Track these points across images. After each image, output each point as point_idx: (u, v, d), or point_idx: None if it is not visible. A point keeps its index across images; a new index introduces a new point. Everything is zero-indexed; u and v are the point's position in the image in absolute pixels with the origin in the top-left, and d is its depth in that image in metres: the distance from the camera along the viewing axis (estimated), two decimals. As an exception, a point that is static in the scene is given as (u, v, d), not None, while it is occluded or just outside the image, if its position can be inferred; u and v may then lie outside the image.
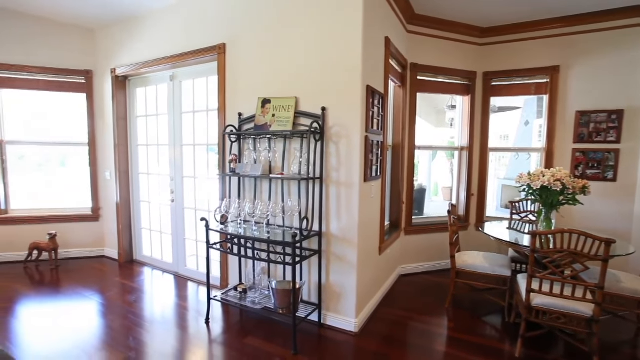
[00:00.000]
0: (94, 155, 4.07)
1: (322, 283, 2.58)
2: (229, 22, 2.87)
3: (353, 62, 2.32)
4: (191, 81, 3.37)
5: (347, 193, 2.43)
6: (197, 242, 3.49)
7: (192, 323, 2.65)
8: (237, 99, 2.87)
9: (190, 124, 3.41)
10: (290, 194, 2.64)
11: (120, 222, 3.93)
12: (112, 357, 2.18)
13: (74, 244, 4.08)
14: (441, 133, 8.68)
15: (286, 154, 2.63)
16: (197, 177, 3.43)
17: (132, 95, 3.89)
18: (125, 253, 3.99)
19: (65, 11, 3.55)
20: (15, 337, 2.40)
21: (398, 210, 3.59)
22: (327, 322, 2.59)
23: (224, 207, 2.57)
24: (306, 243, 2.57)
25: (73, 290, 3.20)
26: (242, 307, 2.57)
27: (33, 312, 2.78)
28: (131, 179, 3.97)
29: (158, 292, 3.22)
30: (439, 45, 3.60)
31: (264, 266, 2.79)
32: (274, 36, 2.63)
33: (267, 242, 2.38)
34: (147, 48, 3.48)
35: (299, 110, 2.53)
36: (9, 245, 3.89)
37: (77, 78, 3.96)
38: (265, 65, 2.69)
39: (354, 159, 2.39)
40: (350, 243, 2.45)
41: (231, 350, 2.28)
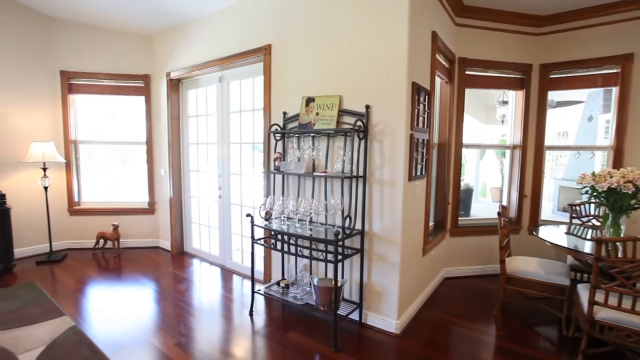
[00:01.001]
0: (150, 153, 4.39)
1: (364, 282, 2.56)
2: (274, 23, 2.94)
3: (398, 59, 2.28)
4: (238, 82, 3.51)
5: (390, 192, 2.40)
6: (242, 237, 3.64)
7: (236, 314, 2.76)
8: (281, 98, 2.94)
9: (237, 123, 3.56)
10: (333, 192, 2.65)
11: (173, 216, 4.21)
12: (166, 341, 2.35)
13: (132, 235, 4.44)
14: (491, 130, 8.21)
15: (329, 152, 2.64)
16: (242, 174, 3.57)
17: (185, 96, 4.13)
18: (176, 245, 4.27)
19: (128, 22, 3.87)
20: (85, 314, 2.67)
21: (443, 211, 3.47)
22: (368, 321, 2.57)
23: (268, 203, 2.65)
24: (348, 241, 2.57)
25: (132, 276, 3.48)
26: (284, 302, 2.64)
27: (99, 294, 3.07)
28: (183, 176, 4.23)
29: (206, 283, 3.40)
30: (489, 37, 3.40)
31: (306, 263, 2.84)
32: (318, 35, 2.65)
33: (310, 239, 2.41)
34: (198, 52, 3.68)
35: (343, 109, 2.53)
36: (81, 233, 4.34)
37: (137, 82, 4.29)
38: (309, 64, 2.73)
39: (398, 157, 2.35)
40: (392, 243, 2.41)
41: (273, 343, 2.35)
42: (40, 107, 4.04)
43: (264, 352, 2.26)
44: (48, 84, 4.08)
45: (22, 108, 3.90)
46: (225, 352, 2.24)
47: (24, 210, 3.93)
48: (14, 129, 3.85)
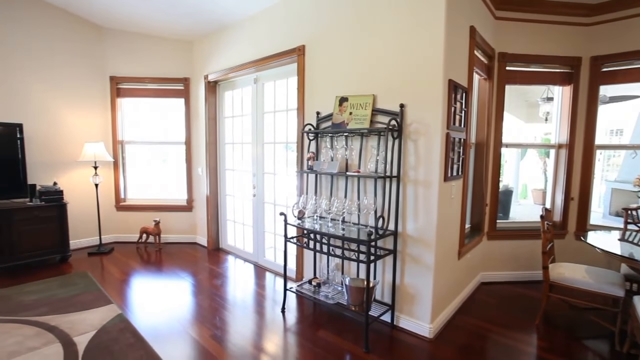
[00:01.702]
0: (189, 153, 4.59)
1: (396, 284, 2.52)
2: (308, 24, 2.97)
3: (434, 56, 2.22)
4: (272, 83, 3.58)
5: (425, 192, 2.34)
6: (275, 235, 3.71)
7: (268, 310, 2.82)
8: (315, 98, 2.97)
9: (271, 124, 3.63)
10: (366, 192, 2.64)
11: (209, 213, 4.37)
12: (202, 332, 2.45)
13: (172, 231, 4.67)
14: (533, 129, 7.77)
15: (363, 152, 2.63)
16: (276, 173, 3.64)
17: (221, 98, 4.28)
18: (212, 241, 4.43)
19: (171, 29, 4.07)
20: (129, 303, 2.85)
21: (480, 213, 3.33)
22: (400, 324, 2.53)
23: (301, 203, 2.68)
24: (381, 242, 2.54)
25: (171, 270, 3.66)
26: (316, 300, 2.66)
27: (142, 285, 3.26)
28: (219, 175, 4.38)
29: (239, 279, 3.50)
30: (533, 30, 3.22)
31: (338, 262, 2.84)
32: (352, 34, 2.64)
33: (342, 239, 2.41)
34: (234, 54, 3.80)
35: (377, 108, 2.51)
36: (126, 228, 4.63)
37: (177, 85, 4.51)
38: (342, 64, 2.73)
39: (433, 157, 2.29)
40: (427, 245, 2.35)
41: (305, 341, 2.38)
42: (92, 110, 4.35)
43: (295, 348, 2.29)
44: (100, 89, 4.39)
45: (78, 111, 4.23)
46: (258, 346, 2.30)
47: (78, 205, 4.26)
48: (71, 130, 4.19)
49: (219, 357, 2.17)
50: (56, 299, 2.88)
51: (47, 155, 4.02)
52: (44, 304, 2.79)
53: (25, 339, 2.28)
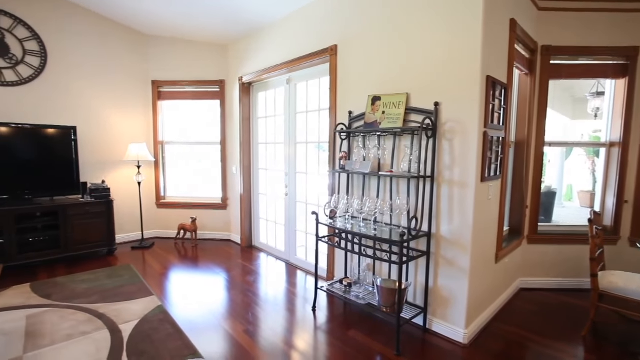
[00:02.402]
0: (224, 152, 4.75)
1: (429, 286, 2.46)
2: (340, 23, 2.97)
3: (471, 52, 2.14)
4: (305, 83, 3.61)
5: (460, 193, 2.27)
6: (306, 234, 3.75)
7: (299, 308, 2.86)
8: (347, 98, 2.96)
9: (304, 123, 3.67)
10: (399, 192, 2.60)
11: (243, 211, 4.50)
12: (236, 326, 2.53)
13: (208, 228, 4.85)
14: (580, 126, 7.26)
15: (396, 151, 2.59)
16: (308, 173, 3.67)
17: (255, 99, 4.39)
18: (246, 239, 4.55)
19: (207, 33, 4.23)
20: (168, 295, 3.00)
21: (520, 215, 3.17)
22: (433, 327, 2.47)
23: (333, 202, 2.69)
24: (414, 243, 2.50)
25: (206, 266, 3.81)
26: (346, 300, 2.66)
27: (180, 278, 3.42)
28: (252, 174, 4.49)
29: (271, 276, 3.57)
30: (581, 20, 3.01)
31: (369, 262, 2.82)
32: (385, 32, 2.61)
33: (374, 239, 2.39)
34: (267, 56, 3.88)
35: (410, 107, 2.46)
36: (166, 224, 4.88)
37: (213, 87, 4.67)
38: (375, 62, 2.70)
39: (469, 156, 2.21)
40: (462, 247, 2.28)
41: (335, 340, 2.38)
42: (136, 113, 4.63)
43: (325, 347, 2.30)
44: (143, 93, 4.66)
45: (123, 114, 4.51)
46: (289, 343, 2.34)
47: (122, 202, 4.55)
48: (117, 132, 4.47)
49: (251, 352, 2.23)
50: (104, 288, 3.09)
51: (96, 155, 4.32)
52: (94, 292, 3.00)
53: (78, 323, 2.47)
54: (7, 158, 3.55)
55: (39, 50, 3.87)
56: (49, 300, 2.84)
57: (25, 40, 3.79)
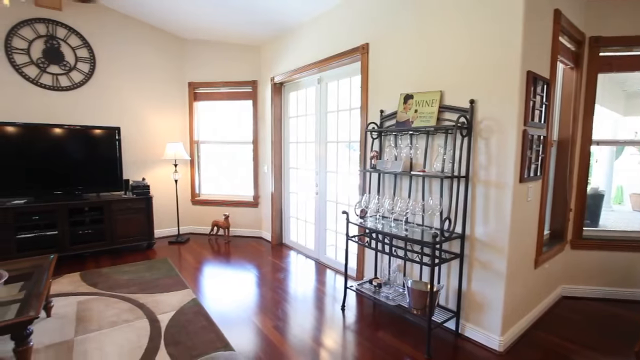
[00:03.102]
0: (256, 151, 4.86)
1: (462, 290, 2.39)
2: (371, 22, 2.95)
3: (510, 46, 2.05)
4: (336, 82, 3.62)
5: (497, 194, 2.18)
6: (336, 233, 3.75)
7: (328, 307, 2.87)
8: (379, 96, 2.93)
9: (334, 123, 3.68)
10: (432, 192, 2.54)
11: (274, 209, 4.58)
12: (266, 322, 2.58)
13: (239, 225, 4.99)
14: (633, 123, 6.72)
15: (428, 151, 2.53)
16: (338, 172, 3.68)
17: (286, 99, 4.45)
18: (276, 236, 4.63)
19: (240, 36, 4.35)
20: (202, 289, 3.12)
21: (563, 219, 2.99)
22: (465, 332, 2.39)
23: (364, 202, 2.67)
24: (446, 245, 2.43)
25: (238, 262, 3.92)
26: (376, 300, 2.63)
27: (213, 273, 3.54)
28: (283, 173, 4.57)
29: (301, 274, 3.61)
30: (636, 5, 2.78)
31: (399, 263, 2.78)
32: (417, 28, 2.56)
33: (405, 239, 2.35)
34: (298, 56, 3.92)
35: (444, 105, 2.40)
36: (200, 221, 5.07)
37: (246, 88, 4.79)
38: (407, 60, 2.65)
39: (507, 156, 2.12)
40: (498, 250, 2.19)
41: (364, 340, 2.37)
42: (173, 114, 4.85)
43: (354, 347, 2.30)
44: (180, 94, 4.87)
45: (161, 115, 4.74)
46: (318, 340, 2.36)
47: (160, 198, 4.78)
48: (155, 132, 4.71)
49: (280, 347, 2.27)
50: (144, 280, 3.27)
51: (137, 154, 4.57)
52: (135, 283, 3.19)
53: (121, 312, 2.64)
54: (61, 156, 3.85)
55: (89, 57, 4.15)
56: (95, 289, 3.05)
57: (77, 48, 4.08)
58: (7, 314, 1.74)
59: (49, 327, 2.40)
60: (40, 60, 3.89)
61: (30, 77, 3.86)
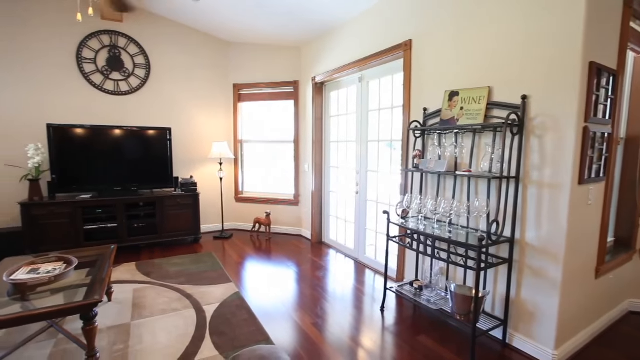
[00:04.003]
0: (297, 151, 4.94)
1: (511, 297, 2.25)
2: (414, 18, 2.87)
3: (570, 36, 1.89)
4: (377, 81, 3.57)
5: (552, 196, 2.02)
6: (376, 233, 3.71)
7: (367, 307, 2.84)
8: (422, 94, 2.85)
9: (376, 122, 3.63)
10: (478, 193, 2.42)
11: (314, 208, 4.63)
12: (305, 318, 2.62)
13: (280, 222, 5.10)
14: None
15: (475, 150, 2.42)
16: (379, 171, 3.63)
17: (327, 98, 4.48)
18: (316, 235, 4.68)
19: (282, 37, 4.45)
20: (244, 283, 3.23)
21: (631, 225, 2.70)
22: (513, 343, 2.24)
23: (406, 202, 2.61)
24: (493, 249, 2.30)
25: (278, 258, 4.01)
26: (417, 303, 2.56)
27: (254, 268, 3.66)
28: (323, 172, 4.60)
29: (340, 273, 3.61)
30: None
31: (442, 266, 2.69)
32: (464, 22, 2.44)
33: (449, 242, 2.26)
34: (339, 55, 3.92)
35: (492, 101, 2.27)
36: (242, 217, 5.26)
37: (288, 88, 4.89)
38: (453, 56, 2.55)
39: (564, 155, 1.96)
40: (552, 257, 2.03)
41: (403, 343, 2.32)
42: (219, 114, 5.08)
43: (393, 349, 2.26)
44: (225, 95, 5.09)
45: (208, 116, 4.99)
46: (356, 340, 2.35)
47: (206, 195, 5.03)
48: (202, 132, 4.97)
49: (318, 344, 2.29)
50: (191, 272, 3.47)
51: (185, 153, 4.85)
52: (183, 275, 3.38)
53: (171, 301, 2.82)
54: (120, 155, 4.20)
55: (145, 63, 4.48)
56: (148, 278, 3.29)
57: (135, 55, 4.42)
58: (76, 296, 1.94)
59: (110, 311, 2.63)
60: (104, 68, 4.28)
61: (96, 83, 4.25)
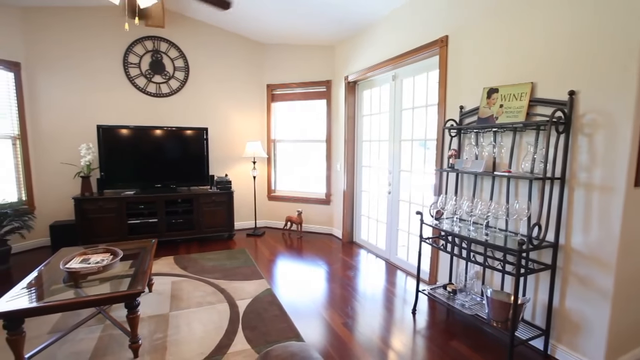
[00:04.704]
0: (329, 150, 4.95)
1: (553, 306, 2.12)
2: (450, 12, 2.78)
3: (628, 24, 1.74)
4: (411, 79, 3.50)
5: (602, 199, 1.88)
6: (408, 234, 3.64)
7: (398, 308, 2.80)
8: (458, 92, 2.76)
9: (409, 120, 3.56)
10: (518, 194, 2.30)
11: (345, 207, 4.62)
12: (334, 317, 2.62)
13: (311, 221, 5.14)
14: None
15: (515, 149, 2.30)
16: (412, 171, 3.55)
17: (360, 97, 4.45)
18: (347, 234, 4.67)
19: (316, 37, 4.48)
20: (275, 280, 3.29)
21: (695, 233, 2.44)
22: (556, 355, 2.11)
23: (440, 202, 2.54)
24: (534, 254, 2.18)
25: (309, 257, 4.04)
26: (450, 307, 2.48)
27: (285, 266, 3.72)
28: (355, 171, 4.58)
29: (371, 273, 3.58)
30: None
31: (478, 270, 2.59)
32: (504, 15, 2.33)
33: (485, 245, 2.17)
34: (372, 54, 3.88)
35: (535, 98, 2.15)
36: (274, 215, 5.36)
37: (320, 88, 4.91)
38: (492, 51, 2.44)
39: (618, 156, 1.81)
40: (602, 264, 1.89)
41: (435, 347, 2.26)
42: (253, 114, 5.20)
43: (425, 353, 2.20)
44: (259, 96, 5.21)
45: (242, 115, 5.13)
46: (386, 342, 2.32)
47: (240, 193, 5.18)
48: (237, 132, 5.12)
49: (348, 343, 2.28)
50: (225, 267, 3.58)
51: (220, 152, 5.02)
52: (218, 270, 3.51)
53: (206, 294, 2.93)
54: (160, 154, 4.42)
55: (184, 66, 4.69)
56: (185, 272, 3.44)
57: (175, 59, 4.64)
58: (121, 285, 2.07)
59: (150, 301, 2.78)
60: (147, 72, 4.52)
61: (140, 86, 4.51)
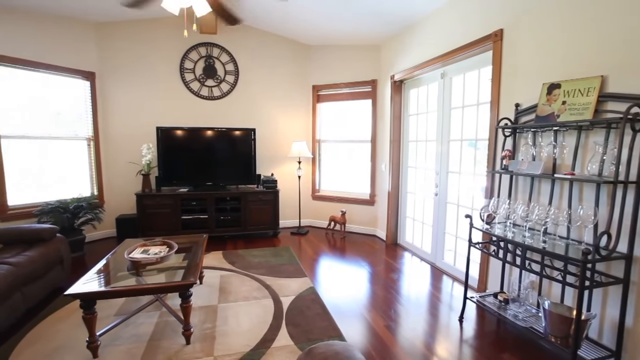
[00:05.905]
0: (374, 150, 4.90)
1: (625, 325, 1.90)
2: (505, 5, 2.60)
3: None
4: (461, 76, 3.34)
5: (687, 207, 1.65)
6: (456, 238, 3.48)
7: (443, 315, 2.69)
8: (514, 88, 2.58)
9: (458, 120, 3.41)
10: (582, 199, 2.10)
11: (390, 208, 4.54)
12: (377, 319, 2.59)
13: (355, 222, 5.12)
14: None
15: (579, 150, 2.10)
16: (461, 172, 3.40)
17: (406, 96, 4.34)
18: (391, 236, 4.58)
19: (361, 37, 4.45)
20: (318, 278, 3.33)
21: None
22: (629, 379, 1.89)
23: (492, 206, 2.40)
24: (602, 265, 1.98)
25: (352, 257, 4.03)
26: (501, 317, 2.33)
27: (328, 265, 3.74)
28: (401, 172, 4.47)
29: (415, 277, 3.48)
30: None
31: (534, 279, 2.40)
32: (567, 3, 2.13)
33: (543, 253, 2.01)
34: (419, 52, 3.76)
35: (605, 93, 1.94)
36: (318, 215, 5.42)
37: (366, 87, 4.87)
38: (553, 42, 2.25)
39: None
40: (687, 281, 1.66)
41: (483, 358, 2.13)
42: (298, 115, 5.30)
43: (474, 364, 2.10)
44: (304, 97, 5.30)
45: (288, 116, 5.25)
46: (430, 348, 2.24)
47: (285, 192, 5.30)
48: (283, 132, 5.25)
49: (391, 347, 2.24)
50: (270, 264, 3.69)
51: (267, 152, 5.19)
52: (263, 266, 3.63)
53: (252, 289, 3.05)
54: (211, 153, 4.68)
55: (234, 69, 4.92)
56: (233, 267, 3.60)
57: (226, 63, 4.88)
58: (175, 276, 2.23)
59: (201, 292, 2.96)
60: (201, 76, 4.81)
61: (194, 90, 4.81)
